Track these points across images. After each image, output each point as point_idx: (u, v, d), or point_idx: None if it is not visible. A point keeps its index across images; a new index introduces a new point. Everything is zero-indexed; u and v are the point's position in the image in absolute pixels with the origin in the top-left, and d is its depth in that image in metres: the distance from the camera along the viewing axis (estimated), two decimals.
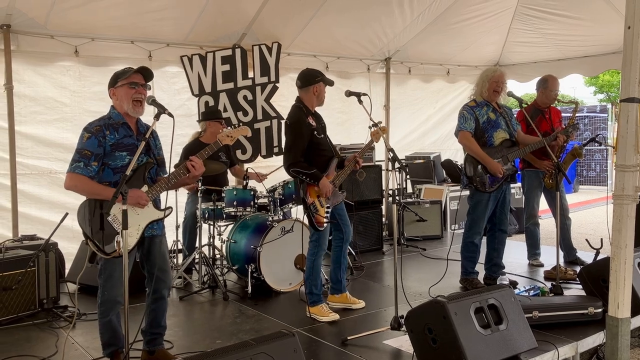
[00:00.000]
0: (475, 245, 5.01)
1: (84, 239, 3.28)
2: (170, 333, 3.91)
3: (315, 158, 4.41)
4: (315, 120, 4.46)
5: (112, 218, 3.20)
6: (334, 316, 4.36)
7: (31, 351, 3.82)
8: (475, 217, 4.95)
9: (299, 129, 4.33)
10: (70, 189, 3.25)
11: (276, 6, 6.10)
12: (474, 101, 4.94)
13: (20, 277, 4.41)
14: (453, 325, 3.08)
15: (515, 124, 5.05)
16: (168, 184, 3.38)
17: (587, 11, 6.96)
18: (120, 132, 3.34)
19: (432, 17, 7.25)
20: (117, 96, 3.36)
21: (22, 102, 5.43)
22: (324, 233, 4.41)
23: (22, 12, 5.10)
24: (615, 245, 3.59)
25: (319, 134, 4.42)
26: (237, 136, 3.63)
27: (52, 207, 5.53)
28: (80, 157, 3.21)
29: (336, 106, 7.29)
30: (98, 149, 3.24)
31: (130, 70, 3.36)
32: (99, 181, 3.26)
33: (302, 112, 4.40)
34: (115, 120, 3.36)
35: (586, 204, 12.24)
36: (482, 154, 4.80)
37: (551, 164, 5.34)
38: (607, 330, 3.66)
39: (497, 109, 4.93)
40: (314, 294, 4.44)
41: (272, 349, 2.60)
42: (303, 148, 4.33)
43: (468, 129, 4.84)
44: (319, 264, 4.44)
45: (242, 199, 5.33)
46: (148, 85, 3.41)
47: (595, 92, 29.11)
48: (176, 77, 6.25)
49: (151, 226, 3.39)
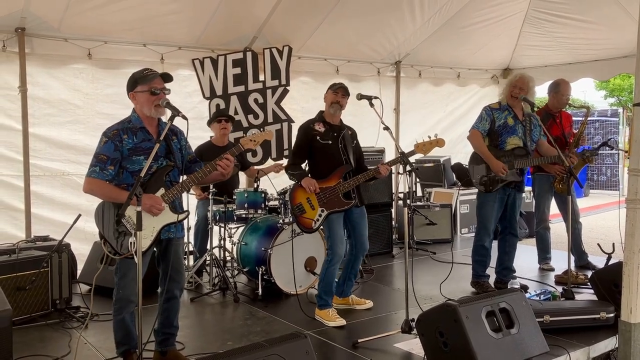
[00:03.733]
0: (486, 249, 5.00)
1: (99, 239, 3.32)
2: (181, 334, 3.94)
3: (320, 163, 4.46)
4: (328, 127, 4.49)
5: (126, 219, 3.24)
6: (340, 321, 4.34)
7: (44, 351, 3.86)
8: (482, 219, 4.97)
9: (298, 133, 4.57)
10: (88, 193, 3.32)
11: (287, 10, 6.12)
12: (498, 103, 5.02)
13: (34, 277, 4.44)
14: (464, 329, 3.08)
15: (536, 136, 5.03)
16: (187, 186, 3.39)
17: (599, 15, 6.92)
18: (138, 136, 3.37)
19: (443, 21, 7.24)
20: (137, 100, 3.38)
21: (36, 105, 5.48)
22: (335, 241, 4.38)
23: (36, 15, 5.16)
24: (628, 250, 3.57)
25: (324, 140, 4.43)
26: (260, 140, 3.59)
27: (65, 208, 5.57)
28: (97, 162, 3.27)
29: (346, 109, 7.26)
30: (114, 153, 3.28)
31: (149, 74, 3.36)
32: (118, 184, 3.31)
33: (313, 118, 4.56)
34: (134, 125, 3.39)
35: (597, 208, 12.16)
36: (486, 152, 4.85)
37: (562, 168, 5.33)
38: (620, 335, 3.64)
39: (517, 117, 4.93)
40: (323, 298, 4.45)
41: (285, 351, 2.62)
42: (300, 152, 4.49)
43: (480, 129, 4.91)
44: (331, 272, 4.43)
45: (253, 201, 5.35)
46: (168, 89, 3.42)
47: (606, 96, 28.91)
48: (188, 80, 6.28)
49: (168, 229, 3.41)
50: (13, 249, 4.58)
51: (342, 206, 4.41)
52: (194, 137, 5.83)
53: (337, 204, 4.39)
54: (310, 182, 4.33)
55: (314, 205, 4.35)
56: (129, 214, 3.21)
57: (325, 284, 4.44)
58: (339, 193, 4.38)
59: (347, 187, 4.39)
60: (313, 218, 4.35)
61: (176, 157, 3.47)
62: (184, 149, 3.55)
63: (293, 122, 6.49)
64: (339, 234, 4.41)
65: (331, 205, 4.37)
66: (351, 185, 4.40)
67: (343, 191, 4.39)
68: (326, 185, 4.38)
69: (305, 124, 4.55)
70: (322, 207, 4.36)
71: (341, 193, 4.38)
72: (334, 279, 4.48)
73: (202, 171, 3.38)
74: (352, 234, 4.56)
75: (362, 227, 4.56)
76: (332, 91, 4.50)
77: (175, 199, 3.40)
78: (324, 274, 4.45)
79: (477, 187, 5.03)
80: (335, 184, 4.39)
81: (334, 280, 4.51)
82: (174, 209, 3.40)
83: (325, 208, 4.36)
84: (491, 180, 4.86)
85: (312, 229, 4.39)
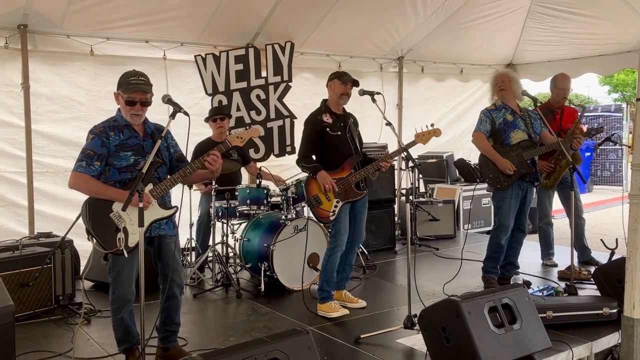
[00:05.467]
0: (501, 247, 4.97)
1: (87, 234, 3.32)
2: (184, 330, 3.95)
3: (329, 154, 4.47)
4: (335, 117, 4.50)
5: (114, 215, 3.24)
6: (343, 311, 4.37)
7: (48, 347, 3.87)
8: (501, 216, 4.93)
9: (306, 125, 4.55)
10: (73, 188, 3.31)
11: (289, 6, 6.10)
12: (494, 105, 5.03)
13: (37, 273, 4.46)
14: (467, 325, 3.08)
15: (538, 128, 5.02)
16: (175, 181, 3.39)
17: (602, 9, 6.88)
18: (125, 134, 3.40)
19: (445, 16, 7.22)
20: (118, 101, 3.43)
21: (39, 101, 5.49)
22: (339, 230, 4.41)
23: (38, 12, 5.15)
24: (631, 245, 3.56)
25: (334, 131, 4.45)
26: (247, 138, 3.58)
27: (68, 205, 5.58)
28: (83, 157, 3.30)
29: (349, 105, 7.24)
30: (101, 149, 3.31)
31: (133, 82, 3.34)
32: (105, 180, 3.33)
33: (319, 109, 4.56)
34: (119, 123, 3.43)
35: (601, 204, 12.12)
36: (492, 152, 4.84)
37: (549, 164, 5.39)
38: (623, 330, 3.63)
39: (516, 112, 4.94)
40: (324, 290, 4.46)
41: (287, 346, 2.61)
42: (310, 144, 4.47)
43: (482, 130, 4.92)
44: (333, 260, 4.45)
45: (256, 198, 5.35)
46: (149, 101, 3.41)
47: (609, 92, 28.84)
48: (190, 77, 6.28)
49: (158, 225, 3.42)
50: (16, 246, 4.59)
51: (356, 197, 4.48)
52: (197, 133, 5.85)
53: (351, 195, 4.45)
54: (325, 179, 4.34)
55: (329, 197, 4.39)
56: (116, 209, 3.23)
57: (326, 274, 4.46)
58: (351, 184, 4.42)
59: (359, 177, 4.45)
60: (330, 209, 4.39)
61: (163, 154, 3.50)
62: (171, 146, 3.59)
63: (295, 118, 6.48)
64: (345, 223, 4.45)
65: (345, 196, 4.43)
66: (362, 175, 4.45)
67: (355, 182, 4.44)
68: (339, 176, 4.42)
69: (313, 116, 4.54)
70: (337, 198, 4.40)
71: (353, 184, 4.43)
72: (335, 268, 4.48)
73: (190, 167, 3.39)
74: (353, 222, 4.58)
75: (362, 216, 4.62)
76: (340, 82, 4.48)
77: (164, 195, 3.41)
78: (325, 262, 4.47)
79: (490, 189, 5.02)
80: (347, 174, 4.43)
81: (335, 271, 4.51)
82: (163, 205, 3.42)
83: (340, 199, 4.41)
84: (504, 177, 4.83)
85: (329, 220, 4.42)
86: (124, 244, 3.22)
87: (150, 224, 3.34)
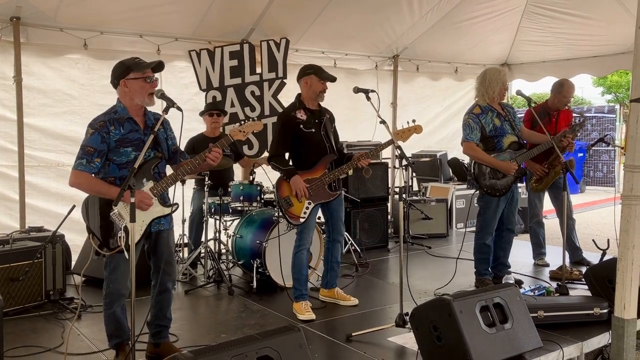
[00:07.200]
0: (488, 247, 4.98)
1: (88, 233, 3.29)
2: (175, 326, 3.93)
3: (303, 152, 4.37)
4: (309, 113, 4.38)
5: (115, 214, 3.20)
6: (309, 315, 4.30)
7: (37, 342, 3.85)
8: (487, 219, 4.91)
9: (279, 122, 4.45)
10: (74, 187, 3.24)
11: (284, 2, 6.09)
12: (479, 107, 4.84)
13: (28, 268, 4.43)
14: (458, 323, 3.08)
15: (518, 123, 5.01)
16: (176, 179, 3.37)
17: (597, 11, 6.91)
18: (125, 127, 3.30)
19: (441, 15, 7.22)
20: (129, 88, 3.30)
21: (31, 95, 5.45)
22: (305, 229, 4.36)
23: (31, 4, 5.11)
24: (622, 246, 3.57)
25: (308, 128, 4.33)
26: (249, 131, 3.55)
27: (60, 199, 5.55)
28: (83, 154, 3.21)
29: (343, 103, 7.27)
30: (101, 145, 3.22)
31: (142, 61, 3.32)
32: (104, 176, 3.26)
33: (292, 106, 4.44)
34: (120, 115, 3.32)
35: (593, 204, 12.17)
36: (490, 160, 4.77)
37: (543, 168, 5.38)
38: (613, 330, 3.65)
39: (500, 113, 4.86)
40: (297, 288, 4.44)
41: (278, 344, 2.61)
42: (283, 142, 4.35)
43: (474, 140, 4.79)
44: (300, 259, 4.40)
45: (249, 194, 5.34)
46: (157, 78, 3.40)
47: (603, 93, 28.98)
48: (184, 72, 6.26)
49: (158, 221, 3.39)
50: (7, 240, 4.56)
51: (328, 198, 4.40)
52: (190, 129, 5.83)
53: (323, 196, 4.37)
54: (298, 185, 4.24)
55: (300, 198, 4.30)
56: (117, 209, 3.18)
57: (295, 271, 4.42)
58: (324, 184, 4.34)
59: (333, 177, 4.35)
60: (300, 212, 4.31)
61: (163, 147, 3.44)
62: (170, 138, 3.54)
63: None
64: (311, 223, 4.39)
65: (317, 197, 4.34)
66: (336, 175, 4.35)
67: (328, 182, 4.35)
68: (312, 176, 4.33)
69: (286, 113, 4.43)
70: (308, 200, 4.31)
71: (326, 184, 4.35)
72: (303, 266, 4.43)
73: (191, 163, 3.35)
74: (330, 220, 4.54)
75: (339, 212, 4.55)
76: (318, 79, 4.36)
77: (164, 191, 3.37)
78: (293, 262, 4.44)
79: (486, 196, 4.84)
80: (320, 175, 4.34)
81: (305, 268, 4.46)
82: (163, 201, 3.38)
83: (312, 200, 4.33)
84: (501, 185, 4.81)
85: (299, 222, 4.35)
86: (125, 243, 3.19)
87: (151, 222, 3.32)
